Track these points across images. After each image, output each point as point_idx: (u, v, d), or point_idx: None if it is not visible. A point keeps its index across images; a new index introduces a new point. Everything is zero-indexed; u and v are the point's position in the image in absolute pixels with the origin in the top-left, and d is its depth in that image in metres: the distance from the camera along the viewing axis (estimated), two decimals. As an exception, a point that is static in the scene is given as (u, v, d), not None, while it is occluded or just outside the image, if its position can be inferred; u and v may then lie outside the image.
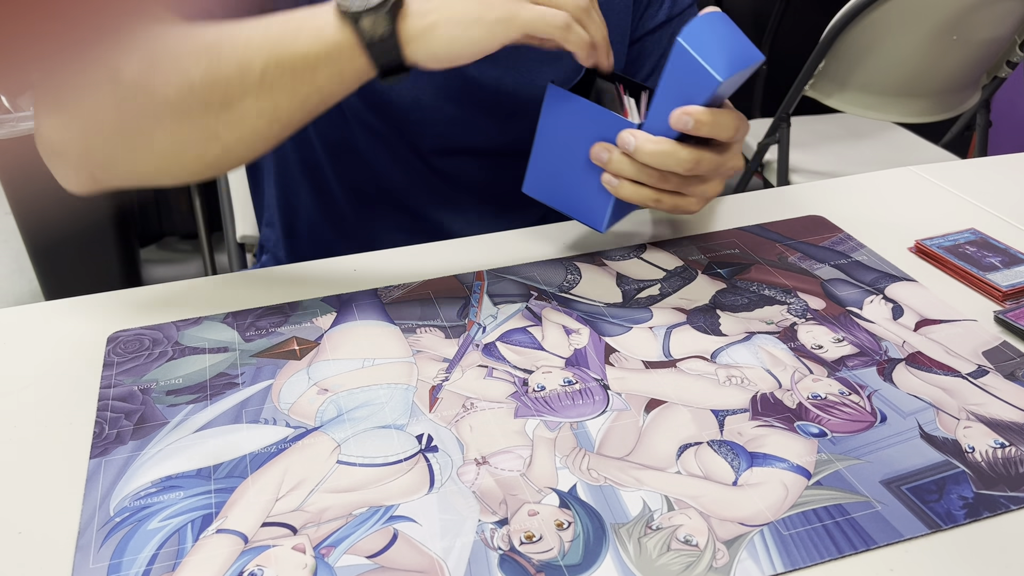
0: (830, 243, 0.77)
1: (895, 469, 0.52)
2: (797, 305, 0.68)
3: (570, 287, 0.71)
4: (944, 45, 1.42)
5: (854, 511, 0.49)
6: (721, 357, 0.62)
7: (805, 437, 0.55)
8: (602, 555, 0.46)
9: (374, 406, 0.58)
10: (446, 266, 0.74)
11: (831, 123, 1.83)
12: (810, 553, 0.46)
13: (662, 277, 0.73)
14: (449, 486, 0.51)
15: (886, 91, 1.52)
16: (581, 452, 0.54)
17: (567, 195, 0.71)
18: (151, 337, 0.65)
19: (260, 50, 0.56)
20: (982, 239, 0.76)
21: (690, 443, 0.54)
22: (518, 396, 0.58)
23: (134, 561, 0.46)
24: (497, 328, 0.66)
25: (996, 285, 0.69)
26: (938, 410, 0.57)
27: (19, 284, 2.05)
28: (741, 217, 0.82)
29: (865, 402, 0.58)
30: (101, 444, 0.55)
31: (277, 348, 0.64)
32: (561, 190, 0.71)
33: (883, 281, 0.72)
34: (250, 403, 0.58)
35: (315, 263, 0.76)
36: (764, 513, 0.49)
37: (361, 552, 0.47)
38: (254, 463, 0.53)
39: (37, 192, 1.69)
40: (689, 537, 0.48)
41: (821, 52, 1.46)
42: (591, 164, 0.67)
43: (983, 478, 0.51)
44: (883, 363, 0.62)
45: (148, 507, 0.50)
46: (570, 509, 0.49)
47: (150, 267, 2.10)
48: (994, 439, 0.54)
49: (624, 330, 0.66)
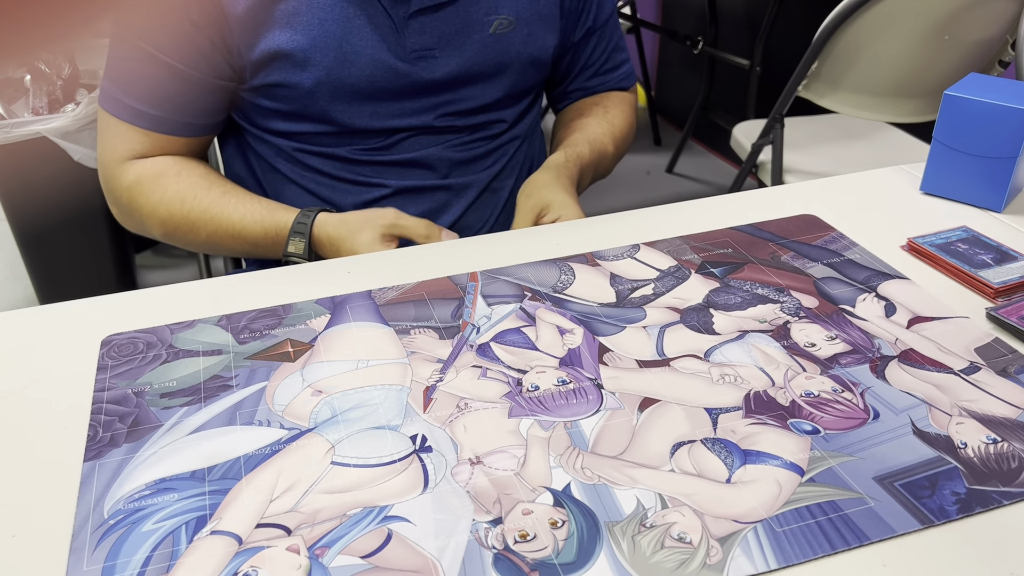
0: (823, 242, 0.78)
1: (888, 465, 0.52)
2: (790, 303, 0.69)
3: (564, 287, 0.71)
4: (936, 45, 1.43)
5: (847, 507, 0.49)
6: (714, 355, 0.63)
7: (798, 434, 0.55)
8: (596, 553, 0.47)
9: (368, 407, 0.58)
10: (440, 267, 0.74)
11: (824, 124, 1.84)
12: (804, 550, 0.47)
13: (655, 277, 0.73)
14: (443, 486, 0.51)
15: (879, 91, 1.53)
16: (575, 451, 0.54)
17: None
18: (145, 340, 0.65)
19: (229, 238, 0.89)
20: (974, 236, 0.77)
21: (684, 441, 0.54)
22: (512, 396, 0.59)
23: (128, 563, 0.46)
24: (491, 329, 0.66)
25: (988, 282, 0.70)
26: (930, 406, 0.57)
27: (14, 290, 2.05)
28: (734, 217, 0.82)
29: (858, 399, 0.58)
30: (95, 447, 0.55)
31: (271, 350, 0.64)
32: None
33: (876, 279, 0.72)
34: (244, 405, 0.58)
35: (308, 265, 0.77)
36: (758, 510, 0.49)
37: (355, 552, 0.47)
38: (248, 465, 0.53)
39: (32, 198, 1.69)
40: (683, 535, 0.48)
41: (814, 53, 1.46)
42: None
43: (975, 474, 0.52)
44: (876, 360, 0.62)
45: (142, 509, 0.50)
46: (564, 508, 0.49)
47: (145, 272, 2.10)
48: (986, 435, 0.54)
49: (618, 330, 0.66)
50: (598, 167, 1.02)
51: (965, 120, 0.81)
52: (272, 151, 0.93)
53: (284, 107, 0.88)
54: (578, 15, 0.98)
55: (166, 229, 0.89)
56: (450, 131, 0.93)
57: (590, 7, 0.98)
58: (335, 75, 0.85)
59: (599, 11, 1.00)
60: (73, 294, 0.71)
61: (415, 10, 0.85)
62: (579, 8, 0.97)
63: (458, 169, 0.96)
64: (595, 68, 1.05)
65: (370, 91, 0.87)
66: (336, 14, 0.84)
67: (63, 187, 1.60)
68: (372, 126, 0.90)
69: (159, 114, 0.86)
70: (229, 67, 0.85)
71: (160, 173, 0.87)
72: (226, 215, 0.87)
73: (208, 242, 0.89)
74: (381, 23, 0.85)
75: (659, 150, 2.85)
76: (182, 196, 0.87)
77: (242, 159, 0.97)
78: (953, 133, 0.83)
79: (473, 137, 0.95)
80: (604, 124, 1.03)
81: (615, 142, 1.03)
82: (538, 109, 1.05)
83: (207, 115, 0.89)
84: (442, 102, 0.91)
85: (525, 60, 0.93)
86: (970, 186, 0.84)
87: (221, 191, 0.88)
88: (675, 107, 3.03)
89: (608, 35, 1.03)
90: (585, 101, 1.06)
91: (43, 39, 0.19)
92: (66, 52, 1.70)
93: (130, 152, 0.87)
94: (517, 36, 0.91)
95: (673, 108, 3.04)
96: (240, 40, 0.83)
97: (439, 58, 0.88)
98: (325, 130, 0.90)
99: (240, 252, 0.91)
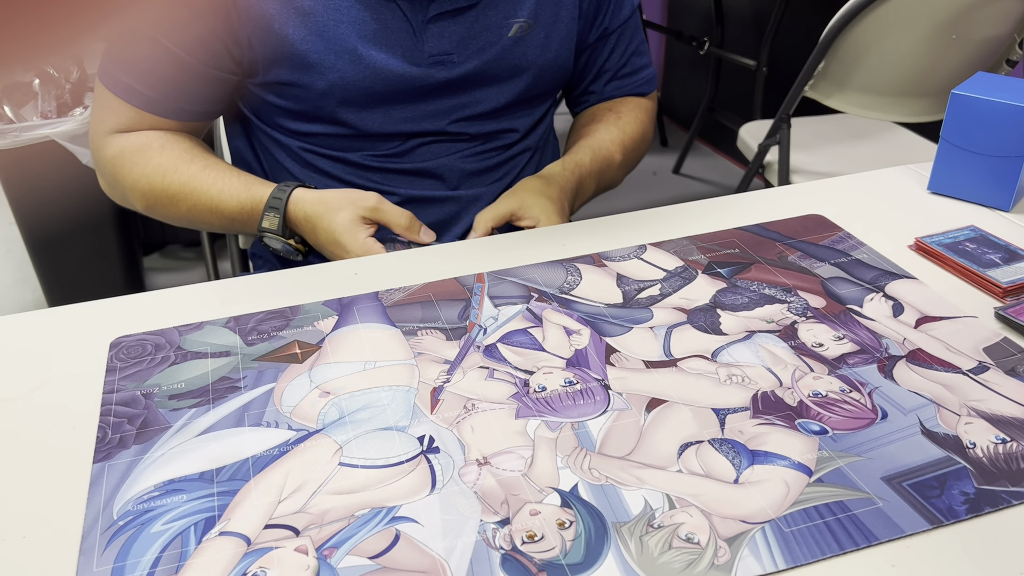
0: (830, 242, 0.78)
1: (896, 465, 0.52)
2: (797, 304, 0.69)
3: (570, 288, 0.71)
4: (943, 44, 1.42)
5: (855, 508, 0.49)
6: (722, 356, 0.63)
7: (806, 435, 0.55)
8: (604, 554, 0.47)
9: (376, 408, 0.58)
10: (447, 268, 0.74)
11: (831, 124, 1.83)
12: (812, 550, 0.47)
13: (662, 277, 0.73)
14: (451, 487, 0.51)
15: (886, 91, 1.52)
16: (582, 452, 0.54)
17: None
18: (153, 342, 0.65)
19: (207, 212, 0.88)
20: (982, 236, 0.76)
21: (691, 442, 0.54)
22: (519, 397, 0.59)
23: (137, 564, 0.47)
24: (498, 330, 0.66)
25: (996, 281, 0.69)
26: (939, 406, 0.57)
27: (23, 293, 2.05)
28: (741, 217, 0.82)
29: (866, 399, 0.58)
30: (104, 449, 0.55)
31: (279, 352, 0.64)
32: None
33: (883, 279, 0.72)
34: (252, 406, 0.58)
35: (316, 267, 0.77)
36: (765, 510, 0.49)
37: (363, 553, 0.47)
38: (256, 466, 0.53)
39: (40, 202, 1.70)
40: (691, 535, 0.48)
41: (820, 53, 1.46)
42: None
43: (984, 473, 0.51)
44: (884, 360, 0.62)
45: (151, 510, 0.50)
46: (571, 508, 0.49)
47: (153, 275, 2.11)
48: (995, 435, 0.54)
49: (625, 330, 0.66)
50: (602, 176, 1.00)
51: (973, 119, 0.81)
52: (281, 150, 0.93)
53: (294, 106, 0.88)
54: (594, 16, 0.97)
55: (147, 202, 0.88)
56: (462, 139, 0.93)
57: (607, 8, 0.97)
58: (349, 79, 0.85)
59: (616, 13, 0.98)
60: (82, 297, 0.71)
61: (434, 14, 0.85)
62: (596, 9, 0.96)
63: (468, 180, 0.95)
64: (612, 72, 1.03)
65: (384, 95, 0.87)
66: (353, 16, 0.83)
67: (72, 191, 1.60)
68: (384, 130, 0.89)
69: (151, 95, 0.86)
70: (231, 58, 0.85)
71: (143, 145, 0.87)
72: (204, 188, 0.86)
73: (188, 216, 0.89)
74: (398, 27, 0.85)
75: (665, 151, 2.85)
76: (163, 169, 0.86)
77: (252, 153, 0.97)
78: (961, 132, 0.82)
79: (485, 148, 0.95)
80: (614, 131, 1.01)
81: (624, 150, 1.01)
82: (550, 121, 1.04)
83: (200, 103, 0.88)
84: (456, 105, 0.91)
85: (543, 64, 0.93)
86: (978, 185, 0.83)
87: (202, 164, 0.87)
88: (681, 108, 3.03)
89: (628, 38, 1.01)
90: (600, 107, 1.05)
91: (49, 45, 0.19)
92: (74, 56, 1.71)
93: (118, 125, 0.87)
94: (535, 39, 0.91)
95: (679, 109, 3.04)
96: (251, 33, 0.83)
97: (457, 62, 0.88)
98: (335, 132, 0.89)
99: (219, 227, 0.91)
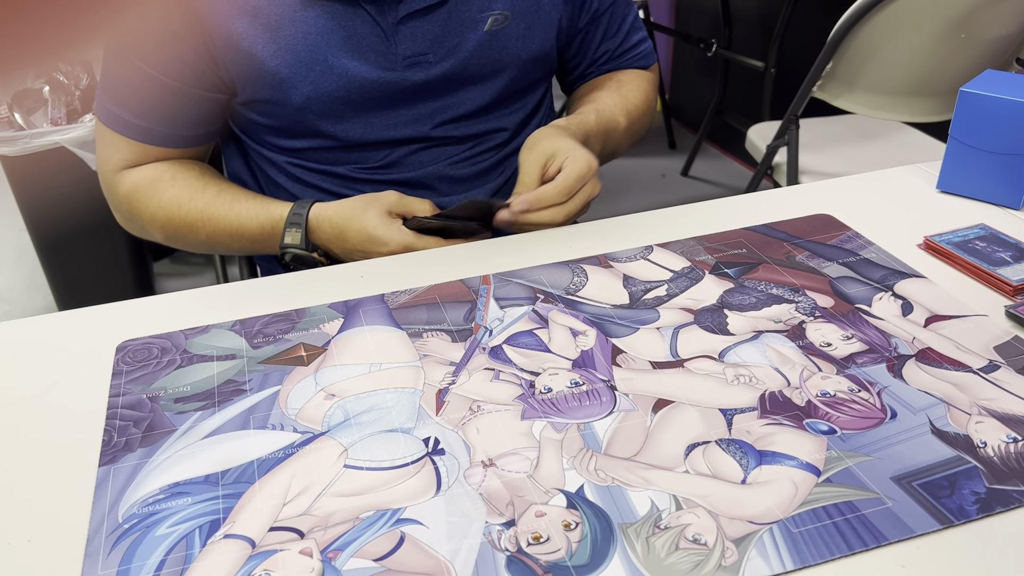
0: (838, 241, 0.77)
1: (906, 465, 0.51)
2: (805, 303, 0.68)
3: (576, 289, 0.71)
4: (952, 44, 1.42)
5: (865, 508, 0.48)
6: (729, 356, 0.62)
7: (814, 435, 0.54)
8: (610, 555, 0.46)
9: (381, 410, 0.58)
10: (452, 270, 0.74)
11: (840, 124, 1.82)
12: (820, 551, 0.46)
13: (669, 278, 0.72)
14: (456, 488, 0.51)
15: (895, 91, 1.51)
16: (588, 453, 0.53)
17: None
18: (159, 346, 0.65)
19: (227, 237, 0.89)
20: (991, 234, 0.76)
21: (698, 442, 0.54)
22: (525, 398, 0.58)
23: (143, 567, 0.46)
24: (504, 331, 0.66)
25: (1007, 280, 0.69)
26: (949, 406, 0.56)
27: (35, 299, 2.07)
28: (748, 217, 0.82)
29: (875, 399, 0.57)
30: (110, 452, 0.55)
31: (284, 354, 0.64)
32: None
33: (892, 278, 0.71)
34: (258, 409, 0.58)
35: (321, 270, 0.77)
36: (773, 511, 0.49)
37: (368, 555, 0.47)
38: (261, 468, 0.53)
39: (51, 207, 1.71)
40: (698, 536, 0.47)
41: (829, 53, 1.45)
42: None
43: (995, 473, 0.51)
44: (893, 359, 0.61)
45: (156, 513, 0.50)
46: (577, 510, 0.49)
47: (163, 280, 2.12)
48: (1006, 434, 0.54)
49: (631, 331, 0.65)
50: (607, 138, 0.95)
51: (981, 117, 0.80)
52: (272, 167, 0.93)
53: (275, 123, 0.87)
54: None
55: (167, 233, 0.89)
56: (450, 143, 0.92)
57: None
58: (323, 90, 0.84)
59: None
60: (92, 302, 0.71)
61: (404, 15, 0.83)
62: None
63: (459, 187, 0.94)
64: (609, 54, 1.00)
65: (362, 103, 0.86)
66: (320, 26, 0.82)
67: (81, 196, 1.61)
68: (367, 139, 0.89)
69: (146, 125, 0.86)
70: (218, 79, 0.84)
71: (155, 179, 0.87)
72: (222, 215, 0.87)
73: (208, 242, 0.90)
74: (368, 32, 0.83)
75: (674, 153, 2.84)
76: (178, 200, 0.87)
77: (248, 172, 0.97)
78: (970, 130, 0.82)
79: (473, 151, 0.93)
80: (616, 97, 0.97)
81: (628, 115, 0.98)
82: (543, 116, 1.02)
83: (195, 126, 0.88)
84: (438, 108, 0.89)
85: (524, 57, 0.90)
86: (987, 183, 0.83)
87: (216, 191, 0.88)
88: (690, 110, 3.02)
89: (620, 16, 0.99)
90: (601, 77, 1.02)
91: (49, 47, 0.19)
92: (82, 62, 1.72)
93: (124, 161, 0.87)
94: (514, 31, 0.89)
95: (688, 111, 3.03)
96: (223, 52, 0.82)
97: (433, 62, 0.86)
98: (320, 145, 0.89)
99: (240, 250, 0.91)
